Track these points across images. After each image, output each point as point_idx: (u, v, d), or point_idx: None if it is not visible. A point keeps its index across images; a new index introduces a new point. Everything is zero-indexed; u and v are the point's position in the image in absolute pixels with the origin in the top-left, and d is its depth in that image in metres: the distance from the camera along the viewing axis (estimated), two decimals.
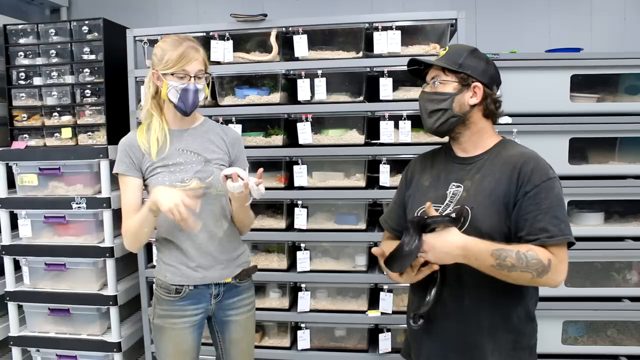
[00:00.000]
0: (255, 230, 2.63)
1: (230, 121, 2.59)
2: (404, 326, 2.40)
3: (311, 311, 2.64)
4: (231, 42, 2.60)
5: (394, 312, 2.56)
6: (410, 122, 2.49)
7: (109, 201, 2.68)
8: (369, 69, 2.52)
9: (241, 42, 2.67)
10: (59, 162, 2.74)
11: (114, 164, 1.88)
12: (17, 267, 2.85)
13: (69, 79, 2.82)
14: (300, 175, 2.58)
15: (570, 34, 3.23)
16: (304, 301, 2.62)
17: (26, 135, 2.88)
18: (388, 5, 3.32)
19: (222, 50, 2.59)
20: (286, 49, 2.65)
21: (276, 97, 2.62)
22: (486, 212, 1.46)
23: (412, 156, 1.82)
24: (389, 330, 2.59)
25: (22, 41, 2.87)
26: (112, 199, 2.68)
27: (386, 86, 2.49)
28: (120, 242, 2.75)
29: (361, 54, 2.55)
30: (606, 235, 2.55)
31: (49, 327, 2.83)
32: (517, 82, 2.45)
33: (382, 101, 2.52)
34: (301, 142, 2.58)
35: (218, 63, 2.60)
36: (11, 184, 2.84)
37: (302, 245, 2.61)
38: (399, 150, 2.51)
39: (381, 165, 2.52)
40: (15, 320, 2.84)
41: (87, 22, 2.79)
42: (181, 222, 1.62)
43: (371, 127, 2.59)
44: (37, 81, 2.85)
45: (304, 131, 2.56)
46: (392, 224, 1.72)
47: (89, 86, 2.80)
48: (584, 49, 2.76)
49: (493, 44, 3.06)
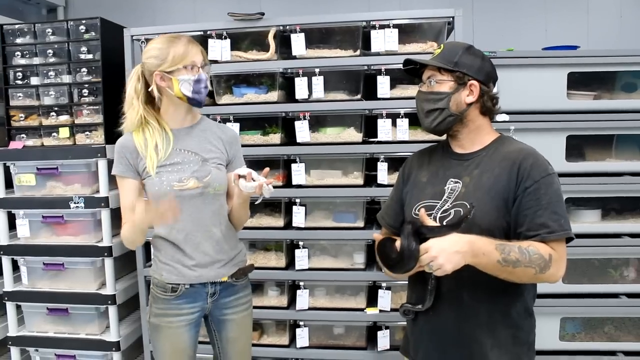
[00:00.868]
0: (253, 228, 2.64)
1: (228, 120, 2.59)
2: (403, 323, 2.41)
3: (310, 309, 2.64)
4: (228, 40, 2.60)
5: (392, 310, 2.56)
6: (407, 119, 2.49)
7: (107, 200, 2.68)
8: (366, 67, 2.53)
9: (238, 41, 2.67)
10: (56, 162, 2.74)
11: (112, 162, 1.88)
12: (15, 267, 2.85)
13: (66, 78, 2.82)
14: (298, 173, 2.58)
15: (567, 31, 3.23)
16: (303, 299, 2.62)
17: (24, 135, 2.88)
18: (385, 3, 3.33)
19: (220, 49, 2.59)
20: (284, 47, 2.65)
21: (274, 95, 2.62)
22: (485, 208, 1.46)
23: (409, 154, 1.82)
24: (387, 328, 2.59)
25: (19, 41, 2.86)
26: (110, 198, 2.68)
27: (383, 84, 2.50)
28: (119, 242, 2.74)
29: (358, 52, 2.55)
30: (603, 232, 2.56)
31: (47, 326, 2.83)
32: (514, 79, 2.46)
33: (380, 99, 2.52)
34: (299, 140, 2.58)
35: (215, 62, 2.60)
36: (9, 183, 2.83)
37: (301, 244, 2.61)
38: (396, 148, 2.52)
39: (379, 163, 2.53)
40: (13, 320, 2.84)
41: (84, 21, 2.79)
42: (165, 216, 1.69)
43: (369, 125, 2.60)
44: (34, 81, 2.84)
45: (302, 129, 2.56)
46: (389, 221, 1.72)
47: (87, 86, 2.79)
48: (580, 46, 2.78)
49: (490, 41, 3.07)
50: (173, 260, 1.86)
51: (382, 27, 2.48)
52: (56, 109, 2.84)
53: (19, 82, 2.86)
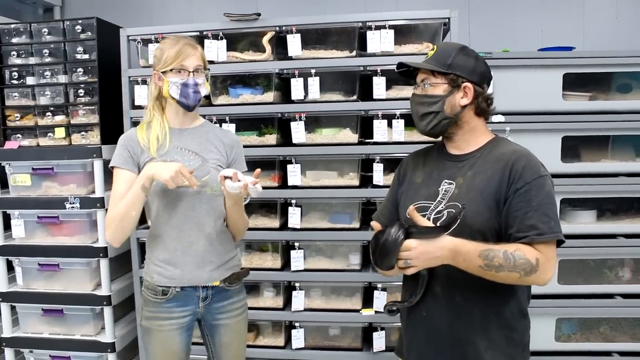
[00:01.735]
0: (249, 229, 2.62)
1: (224, 120, 2.59)
2: (398, 324, 2.40)
3: (305, 310, 2.64)
4: (225, 41, 2.60)
5: (384, 307, 2.56)
6: (403, 121, 2.49)
7: (103, 201, 2.67)
8: (362, 68, 2.53)
9: (235, 42, 2.67)
10: (52, 162, 2.73)
11: (109, 163, 1.89)
12: (10, 267, 2.84)
13: (62, 78, 2.81)
14: (294, 174, 2.58)
15: (563, 33, 3.24)
16: (298, 300, 2.62)
17: (19, 135, 2.87)
18: (381, 4, 3.33)
19: (216, 49, 2.59)
20: (280, 48, 2.65)
21: (270, 96, 2.62)
22: (477, 209, 1.46)
23: (405, 155, 1.82)
24: (382, 329, 2.59)
25: (14, 40, 2.85)
26: (105, 198, 2.67)
27: (379, 85, 2.50)
28: None
29: (354, 53, 2.56)
30: (599, 232, 2.56)
31: (42, 327, 2.82)
32: (510, 80, 2.46)
33: (376, 100, 2.52)
34: (295, 141, 2.58)
35: (212, 62, 2.58)
36: (4, 184, 2.83)
37: (296, 244, 2.61)
38: (392, 149, 2.52)
39: (375, 164, 2.53)
40: (8, 321, 2.83)
41: (80, 21, 2.79)
42: (185, 184, 1.68)
43: (364, 126, 2.60)
44: (30, 81, 2.83)
45: (298, 130, 2.56)
46: (384, 221, 1.71)
47: (83, 86, 2.79)
48: (576, 47, 2.78)
49: (486, 42, 3.08)
50: (164, 260, 1.86)
51: (378, 27, 2.48)
52: (52, 109, 2.83)
53: (14, 81, 2.86)
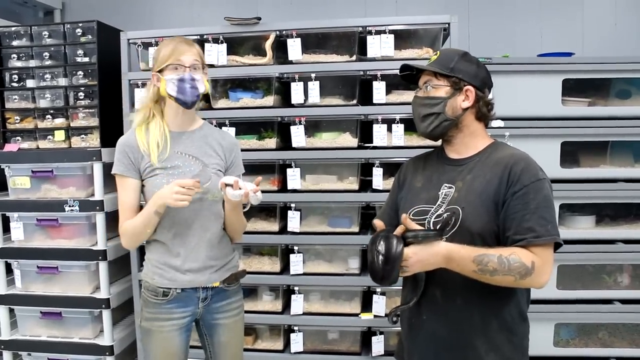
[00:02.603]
0: (248, 233, 2.62)
1: (224, 124, 2.59)
2: (397, 329, 2.40)
3: (304, 314, 2.64)
4: (225, 45, 2.60)
5: (387, 315, 2.56)
6: (403, 125, 2.50)
7: (102, 204, 2.67)
8: (362, 73, 2.54)
9: (235, 46, 2.68)
10: (51, 165, 2.73)
11: (108, 166, 1.89)
12: (8, 270, 2.83)
13: (63, 81, 2.81)
14: (294, 178, 2.58)
15: (562, 38, 3.25)
16: (297, 304, 2.62)
17: (19, 138, 2.87)
18: (381, 9, 3.34)
19: (216, 53, 2.60)
20: (280, 52, 2.66)
21: (270, 100, 2.62)
22: (476, 212, 1.47)
23: (405, 159, 1.83)
24: (381, 333, 2.59)
25: (15, 43, 2.85)
26: (105, 201, 2.67)
27: (379, 89, 2.50)
28: (113, 245, 2.74)
29: (354, 58, 2.56)
30: (597, 238, 2.56)
31: (40, 330, 2.81)
32: (509, 86, 2.47)
33: (375, 104, 2.53)
34: (294, 145, 2.58)
35: (212, 66, 2.60)
36: (3, 186, 2.83)
37: (295, 248, 2.61)
38: (392, 154, 2.52)
39: (374, 169, 2.53)
40: (6, 323, 2.82)
41: (80, 24, 2.79)
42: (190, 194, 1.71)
43: (364, 130, 2.60)
44: (30, 83, 2.84)
45: (298, 134, 2.56)
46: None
47: (83, 89, 2.79)
48: (575, 53, 2.79)
49: (485, 48, 3.09)
50: (166, 264, 1.86)
51: (378, 32, 2.49)
52: (52, 111, 2.83)
53: (14, 84, 2.86)
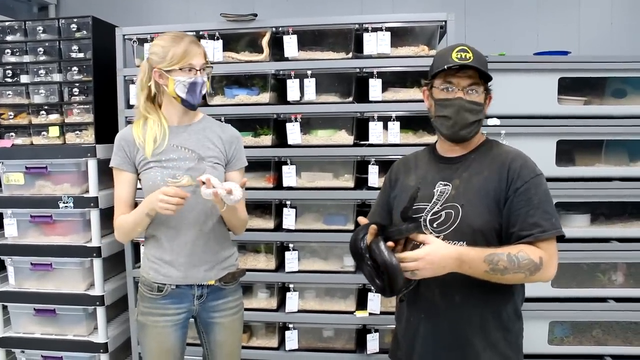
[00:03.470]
0: None
1: (219, 120, 2.57)
2: (392, 326, 2.41)
3: (299, 311, 2.64)
4: (221, 41, 2.59)
5: (381, 313, 2.56)
6: (399, 123, 2.50)
7: (97, 200, 2.66)
8: (358, 70, 2.53)
9: (231, 42, 2.67)
10: (45, 161, 2.72)
11: (103, 162, 1.88)
12: (2, 266, 2.82)
13: (57, 77, 2.80)
14: (289, 175, 2.58)
15: (558, 37, 3.26)
16: (292, 301, 2.62)
17: (12, 134, 2.85)
18: (378, 6, 3.33)
19: (212, 49, 2.58)
20: (276, 49, 2.65)
21: (265, 97, 2.62)
22: (476, 209, 1.48)
23: (401, 157, 1.82)
24: (376, 331, 2.59)
25: (9, 38, 2.83)
26: (99, 198, 2.66)
27: (375, 87, 2.50)
28: (108, 242, 2.73)
29: (351, 55, 2.56)
30: (592, 236, 2.57)
31: (34, 327, 2.80)
32: (505, 84, 2.46)
33: (371, 102, 2.53)
34: (290, 142, 2.57)
35: None
36: None
37: (291, 246, 2.61)
38: (387, 151, 2.52)
39: (370, 166, 2.53)
40: None
41: (75, 20, 2.77)
42: (178, 206, 1.68)
43: (360, 127, 2.60)
44: (24, 79, 2.81)
45: (293, 131, 2.56)
46: None
47: (77, 85, 2.77)
48: (571, 52, 2.79)
49: (482, 46, 3.02)
50: (161, 259, 1.85)
51: (374, 30, 2.49)
52: (46, 107, 2.81)
53: (8, 79, 2.83)
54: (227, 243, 1.96)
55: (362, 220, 1.58)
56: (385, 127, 2.51)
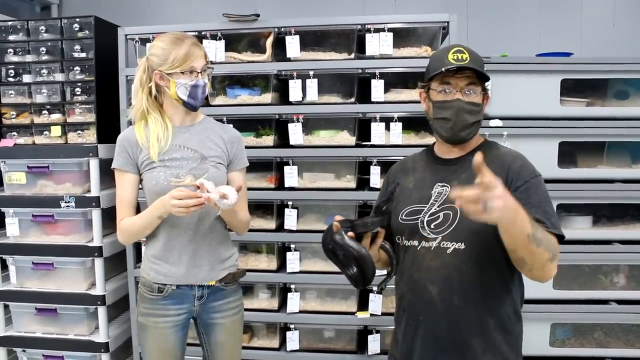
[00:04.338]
0: None
1: (221, 121, 2.57)
2: (393, 327, 2.41)
3: (300, 312, 2.63)
4: (223, 41, 2.59)
5: (383, 314, 2.56)
6: (401, 123, 2.49)
7: (98, 200, 2.66)
8: (360, 71, 2.53)
9: (233, 42, 2.67)
10: (47, 161, 2.72)
11: (105, 162, 1.88)
12: (3, 266, 2.82)
13: (59, 76, 2.80)
14: (291, 176, 2.58)
15: (561, 39, 3.25)
16: (294, 302, 2.61)
17: (15, 133, 2.86)
18: (380, 7, 3.34)
19: (214, 49, 2.58)
20: (278, 49, 2.64)
21: (267, 97, 2.61)
22: None
23: (403, 158, 1.82)
24: (378, 332, 2.59)
25: (11, 38, 2.84)
26: (101, 198, 2.66)
27: (377, 88, 2.50)
28: (109, 242, 2.73)
29: (353, 56, 2.56)
30: (594, 238, 2.56)
31: (35, 327, 2.80)
32: (507, 85, 2.47)
33: (374, 103, 2.53)
34: (292, 142, 2.57)
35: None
36: None
37: (292, 246, 2.60)
38: (389, 152, 2.52)
39: (372, 167, 2.53)
40: (1, 320, 2.81)
41: (78, 19, 2.77)
42: (199, 206, 1.67)
43: (362, 128, 2.60)
44: (26, 78, 2.82)
45: (295, 132, 2.56)
46: None
47: (79, 84, 2.77)
48: (574, 53, 2.79)
49: (484, 47, 3.04)
50: (161, 259, 1.85)
51: (377, 30, 2.49)
52: (48, 107, 2.81)
53: (10, 79, 2.84)
54: (228, 243, 1.96)
55: (337, 218, 1.57)
56: (387, 127, 2.51)
